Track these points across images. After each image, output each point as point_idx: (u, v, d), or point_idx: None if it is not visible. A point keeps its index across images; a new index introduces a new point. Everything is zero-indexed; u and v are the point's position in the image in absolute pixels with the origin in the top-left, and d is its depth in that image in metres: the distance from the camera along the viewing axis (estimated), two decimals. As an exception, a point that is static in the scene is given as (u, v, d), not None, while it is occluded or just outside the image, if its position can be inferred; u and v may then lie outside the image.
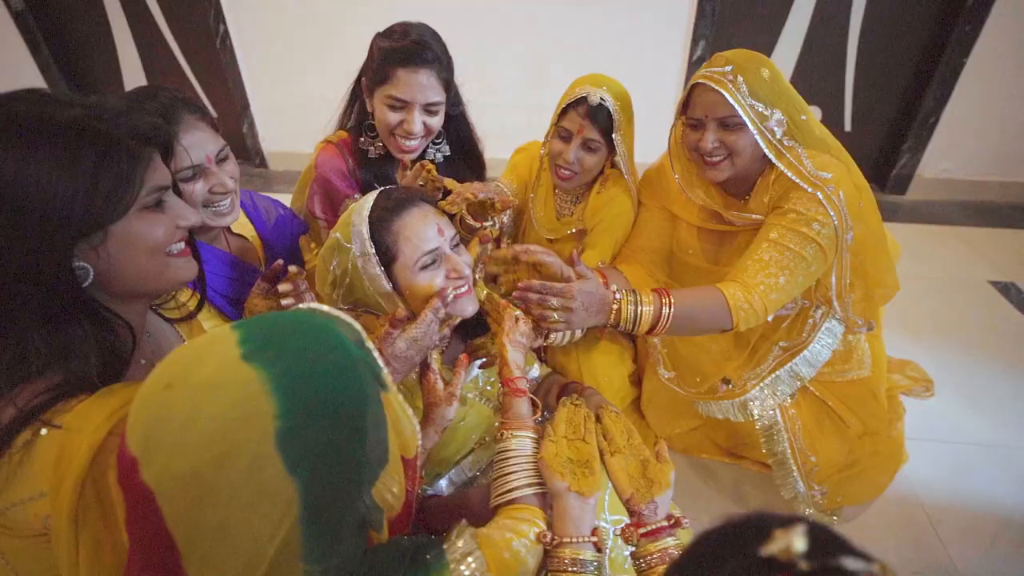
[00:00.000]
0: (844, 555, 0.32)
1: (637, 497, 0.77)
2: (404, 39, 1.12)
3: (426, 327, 0.84)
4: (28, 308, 0.59)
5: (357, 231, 0.89)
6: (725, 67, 1.01)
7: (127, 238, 0.64)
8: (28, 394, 0.59)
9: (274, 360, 0.44)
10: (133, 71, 3.00)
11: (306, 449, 0.43)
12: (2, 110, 0.59)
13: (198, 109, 0.95)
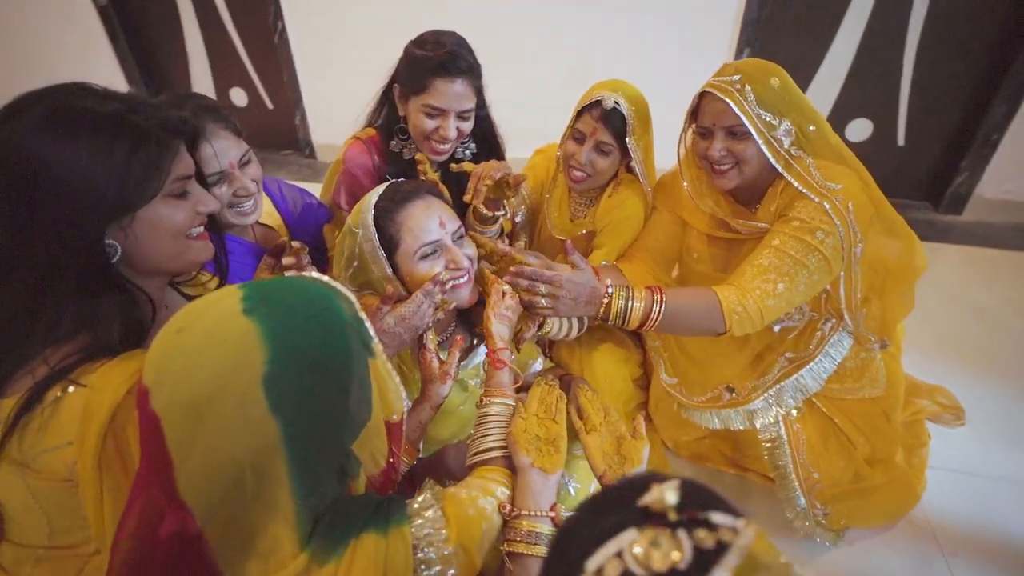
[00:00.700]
0: (713, 510, 0.35)
1: (610, 474, 0.80)
2: (439, 49, 1.17)
3: (415, 307, 0.89)
4: (62, 279, 0.67)
5: (365, 218, 0.95)
6: (733, 76, 1.02)
7: (152, 221, 0.72)
8: (59, 355, 0.66)
9: (269, 315, 0.50)
10: (199, 62, 3.20)
11: (289, 393, 0.49)
12: (48, 101, 0.67)
13: (223, 118, 1.02)
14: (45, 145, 0.64)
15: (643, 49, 2.51)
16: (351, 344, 0.54)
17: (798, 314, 1.18)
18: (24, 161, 0.64)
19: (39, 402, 0.64)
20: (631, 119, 1.17)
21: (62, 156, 0.64)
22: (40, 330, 0.67)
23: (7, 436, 0.64)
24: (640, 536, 0.33)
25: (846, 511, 1.27)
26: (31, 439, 0.65)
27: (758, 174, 1.09)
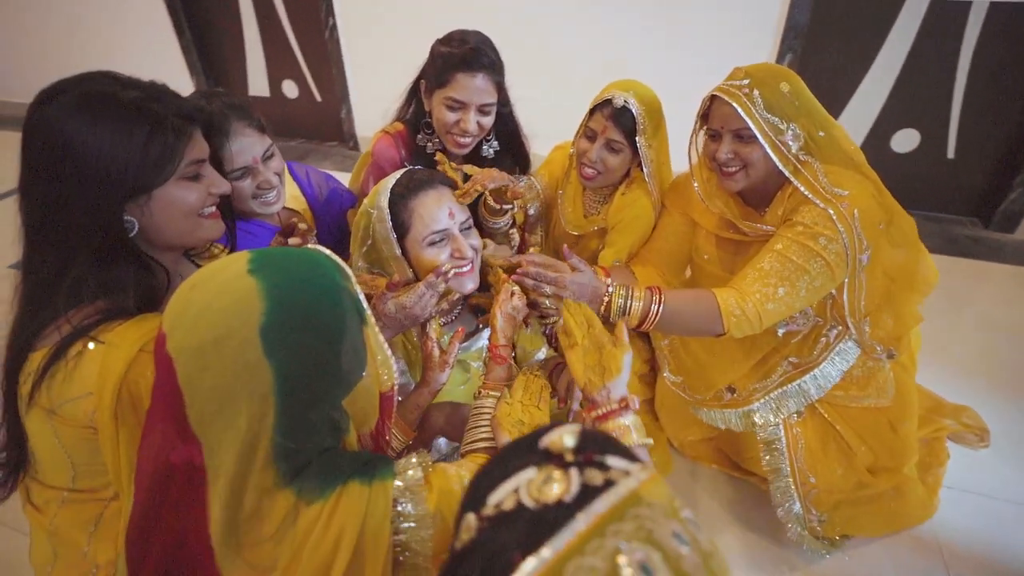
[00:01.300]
0: (609, 455, 0.38)
1: (590, 386, 0.82)
2: (463, 46, 1.23)
3: (417, 297, 0.94)
4: (85, 249, 0.75)
5: (380, 201, 1.02)
6: (743, 80, 1.03)
7: (167, 201, 0.79)
8: (81, 316, 0.74)
9: (270, 275, 0.57)
10: (255, 55, 3.38)
11: (282, 341, 0.55)
12: (77, 88, 0.74)
13: (247, 115, 1.09)
14: (72, 128, 0.71)
15: (682, 50, 2.51)
16: (344, 306, 0.60)
17: (803, 318, 1.18)
18: (54, 142, 0.72)
19: (63, 356, 0.72)
20: (641, 119, 1.19)
21: (87, 138, 0.71)
22: (64, 293, 0.74)
23: (37, 384, 0.72)
24: (538, 474, 0.37)
25: (844, 519, 1.26)
26: (57, 388, 0.73)
27: (766, 177, 1.09)
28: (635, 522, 0.34)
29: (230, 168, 1.06)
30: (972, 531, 1.33)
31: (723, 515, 1.39)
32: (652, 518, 0.35)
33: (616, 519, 0.34)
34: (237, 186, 1.08)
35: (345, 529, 0.56)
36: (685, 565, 0.33)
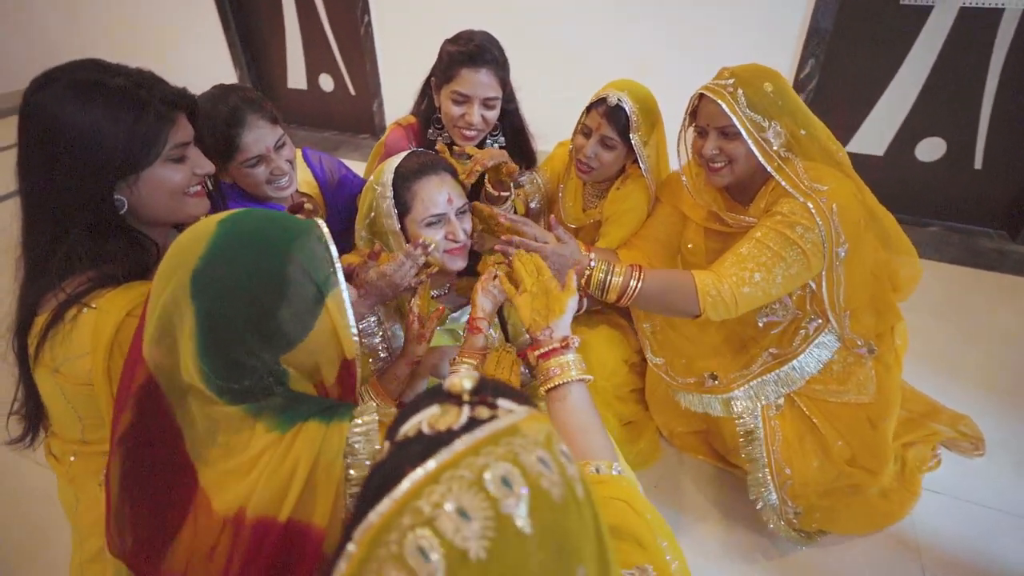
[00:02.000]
0: (501, 398, 0.45)
1: (535, 326, 0.88)
2: (468, 44, 1.31)
3: (397, 266, 1.01)
4: (78, 225, 0.80)
5: (385, 180, 1.10)
6: (728, 80, 1.07)
7: (153, 181, 0.84)
8: (74, 284, 0.80)
9: (226, 228, 0.63)
10: (295, 50, 3.55)
11: (207, 285, 0.60)
12: (68, 75, 0.79)
13: (261, 108, 1.18)
14: (64, 113, 0.77)
15: (703, 53, 2.52)
16: (287, 271, 0.63)
17: (782, 310, 1.21)
18: (47, 126, 0.77)
19: (61, 319, 0.78)
20: (634, 117, 1.24)
21: (79, 122, 0.76)
22: (58, 264, 0.80)
23: (39, 345, 0.80)
24: (438, 410, 0.44)
25: (822, 515, 1.28)
26: (58, 349, 0.80)
27: (750, 173, 1.13)
28: (507, 447, 0.40)
29: (245, 157, 1.16)
30: (954, 536, 1.33)
31: (705, 503, 1.43)
32: (523, 445, 0.40)
33: (491, 444, 0.40)
34: (252, 172, 1.18)
35: (300, 461, 0.61)
36: (543, 482, 0.39)
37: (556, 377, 0.82)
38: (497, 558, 0.35)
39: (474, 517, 0.36)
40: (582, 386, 0.82)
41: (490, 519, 0.36)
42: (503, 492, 0.37)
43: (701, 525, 1.38)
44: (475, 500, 0.36)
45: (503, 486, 0.37)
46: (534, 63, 2.84)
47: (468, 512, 0.36)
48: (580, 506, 0.40)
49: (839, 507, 1.30)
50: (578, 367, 0.83)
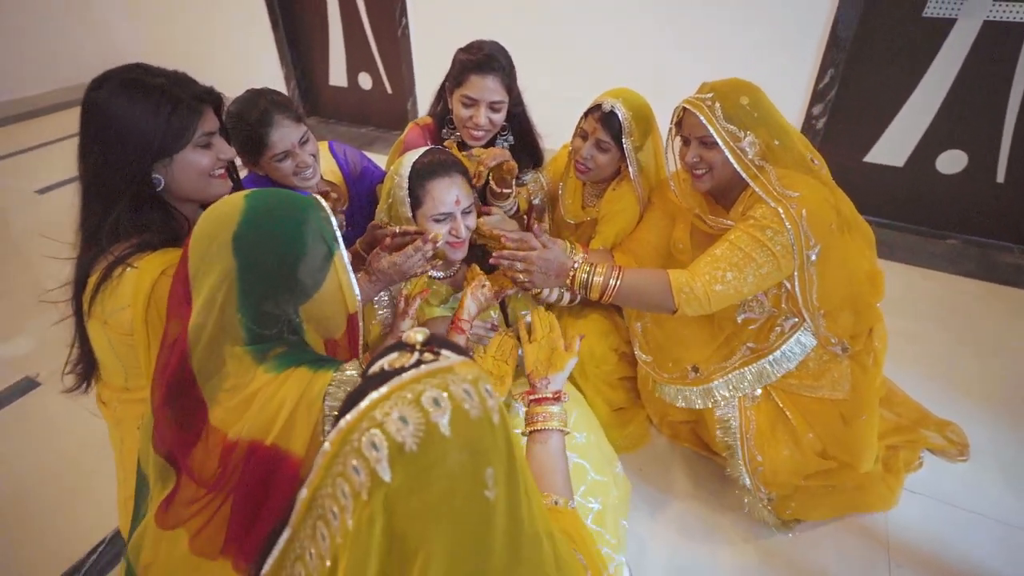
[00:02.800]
0: (444, 348, 0.58)
1: (535, 374, 1.02)
2: (478, 53, 1.45)
3: (406, 258, 1.14)
4: (124, 200, 0.96)
5: (403, 173, 1.23)
6: (707, 94, 1.17)
7: (184, 163, 0.99)
8: (120, 248, 0.96)
9: (255, 201, 0.78)
10: (338, 50, 3.75)
11: (246, 244, 0.74)
12: (118, 76, 0.97)
13: (287, 109, 1.32)
14: (116, 106, 0.93)
15: (722, 62, 2.58)
16: (305, 233, 0.78)
17: (759, 307, 1.30)
18: (102, 117, 0.94)
19: (109, 277, 0.94)
20: (627, 123, 1.35)
21: (125, 114, 0.93)
22: (107, 232, 0.97)
23: (91, 300, 0.95)
24: (396, 355, 0.57)
25: (800, 506, 1.36)
26: (107, 303, 0.95)
27: (728, 179, 1.22)
28: (441, 379, 0.52)
29: (273, 152, 1.31)
30: (923, 532, 1.38)
31: (690, 487, 1.52)
32: (454, 380, 0.53)
33: (430, 377, 0.52)
34: (280, 166, 1.34)
35: (287, 398, 0.74)
36: (464, 405, 0.51)
37: (540, 423, 0.95)
38: (424, 452, 0.48)
39: (411, 422, 0.49)
40: (560, 436, 0.95)
41: (421, 425, 0.49)
42: (433, 408, 0.50)
43: (683, 505, 1.47)
44: (413, 412, 0.49)
45: (434, 404, 0.50)
46: (554, 67, 2.97)
47: (407, 419, 0.49)
48: (494, 427, 0.53)
49: (815, 499, 1.37)
50: (560, 419, 0.96)
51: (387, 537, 0.48)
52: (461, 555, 0.48)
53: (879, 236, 2.52)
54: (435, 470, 0.48)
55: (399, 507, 0.48)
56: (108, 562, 1.36)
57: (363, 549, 0.48)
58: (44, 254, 2.68)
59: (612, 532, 1.18)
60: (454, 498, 0.49)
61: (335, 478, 0.50)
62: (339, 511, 0.50)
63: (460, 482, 0.49)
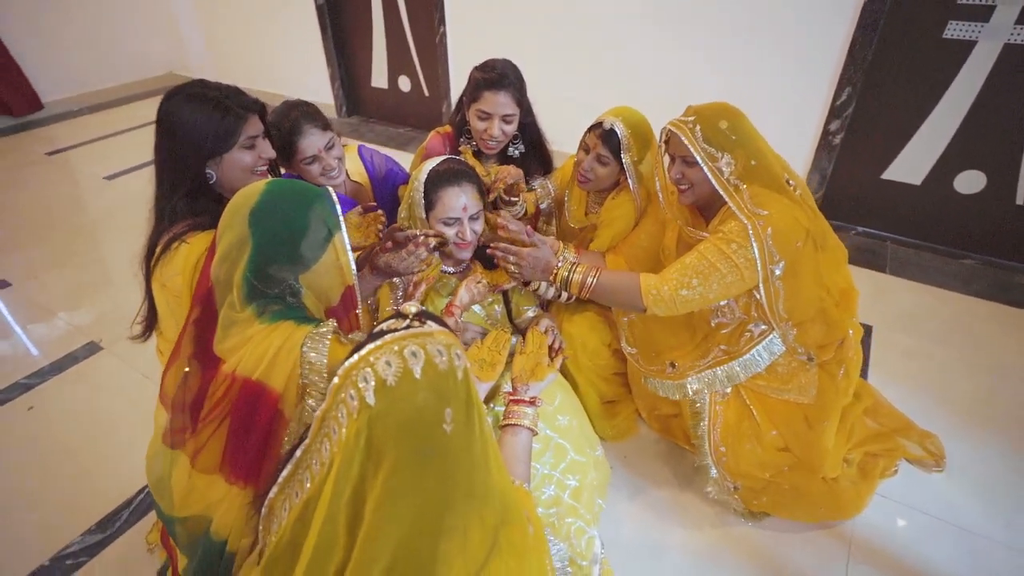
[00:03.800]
0: (430, 320, 0.74)
1: (519, 380, 1.18)
2: (491, 72, 1.61)
3: (402, 259, 1.31)
4: (183, 189, 1.19)
5: (420, 179, 1.39)
6: (690, 117, 1.29)
7: (231, 161, 1.22)
8: (178, 227, 1.18)
9: (273, 185, 0.96)
10: (380, 54, 3.97)
11: (260, 218, 0.92)
12: (184, 90, 1.20)
13: (315, 118, 1.50)
14: (178, 114, 1.17)
15: (745, 75, 2.67)
16: (310, 216, 0.95)
17: (730, 313, 1.41)
18: (169, 122, 1.17)
19: (167, 249, 1.16)
20: (626, 139, 1.48)
21: (186, 121, 1.16)
22: (169, 214, 1.20)
23: (154, 266, 1.18)
24: (394, 321, 0.73)
25: (768, 499, 1.47)
26: (165, 269, 1.17)
27: (709, 195, 1.34)
28: (421, 340, 0.70)
29: (302, 156, 1.51)
30: (887, 534, 1.47)
31: (669, 476, 1.64)
32: (430, 342, 0.70)
33: (413, 337, 0.70)
34: (308, 168, 1.53)
35: (272, 344, 0.90)
36: (435, 359, 0.68)
37: (514, 419, 1.12)
38: (399, 387, 0.66)
39: (393, 366, 0.67)
40: (529, 433, 1.12)
41: (400, 368, 0.67)
42: (411, 358, 0.68)
43: (661, 492, 1.59)
44: (395, 359, 0.67)
45: (412, 356, 0.68)
46: (582, 76, 3.10)
47: (391, 363, 0.67)
48: (457, 380, 0.71)
49: (785, 499, 1.47)
50: (531, 420, 1.13)
51: (367, 446, 0.66)
52: (417, 468, 0.66)
53: (893, 253, 2.58)
54: (406, 402, 0.66)
55: (378, 425, 0.66)
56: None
57: (350, 453, 0.66)
58: (110, 234, 2.99)
59: (587, 508, 1.32)
60: (418, 424, 0.67)
61: (338, 404, 0.69)
62: (338, 427, 0.69)
63: (424, 413, 0.67)
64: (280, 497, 0.80)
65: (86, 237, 2.98)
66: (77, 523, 1.51)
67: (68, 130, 4.39)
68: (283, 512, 0.78)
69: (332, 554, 0.68)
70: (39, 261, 2.75)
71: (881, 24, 2.33)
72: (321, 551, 0.68)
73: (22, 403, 1.92)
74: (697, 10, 2.66)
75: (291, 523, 0.75)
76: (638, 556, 1.43)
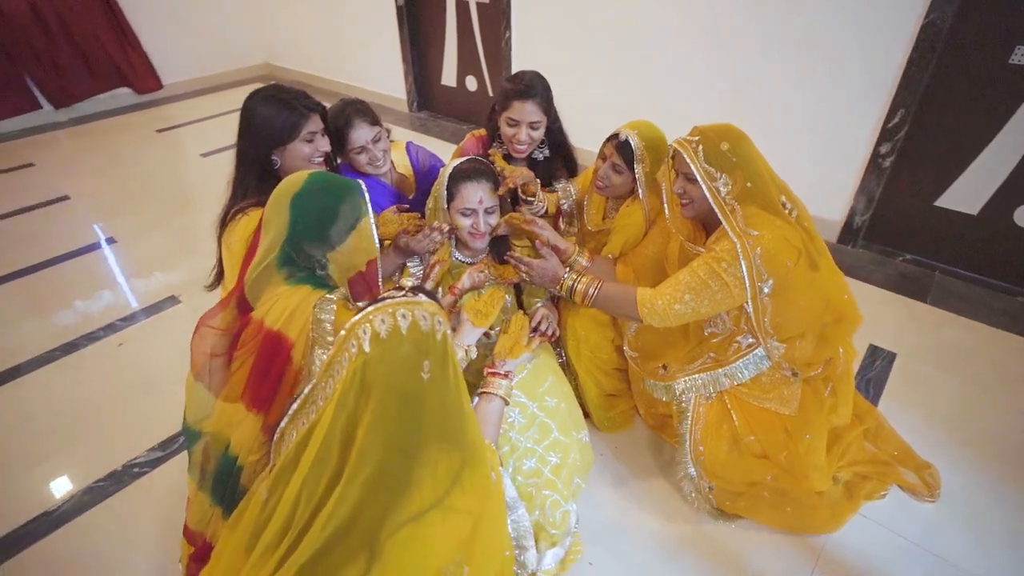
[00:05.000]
0: (421, 293, 0.93)
1: (498, 355, 1.36)
2: (520, 83, 1.77)
3: (420, 239, 1.52)
4: (254, 172, 1.46)
5: (445, 174, 1.58)
6: (695, 136, 1.38)
7: (293, 152, 1.47)
8: (245, 203, 1.43)
9: (315, 177, 1.17)
10: (451, 54, 4.21)
11: (300, 204, 1.11)
12: (263, 92, 1.47)
13: (364, 115, 1.69)
14: (255, 110, 1.44)
15: (794, 92, 2.66)
16: (340, 206, 1.13)
17: (722, 324, 1.49)
18: (248, 116, 1.44)
19: (233, 219, 1.42)
20: (639, 151, 1.58)
21: (262, 114, 1.43)
22: (241, 191, 1.46)
23: (223, 231, 1.45)
24: (395, 291, 0.92)
25: (745, 503, 1.54)
26: (230, 236, 1.42)
27: (708, 211, 1.42)
28: (410, 306, 0.89)
29: (352, 147, 1.72)
30: (858, 551, 1.49)
31: (654, 469, 1.74)
32: (419, 308, 0.89)
33: (405, 303, 0.89)
34: (357, 158, 1.74)
35: (292, 302, 1.09)
36: (420, 322, 0.88)
37: (490, 389, 1.31)
38: (388, 339, 0.85)
39: (386, 323, 0.87)
40: (501, 402, 1.30)
41: (391, 325, 0.86)
42: (401, 319, 0.87)
43: (644, 483, 1.70)
44: (388, 318, 0.87)
45: (402, 317, 0.88)
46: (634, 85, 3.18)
47: (384, 321, 0.87)
48: (435, 340, 0.90)
49: (763, 503, 1.54)
50: (505, 391, 1.32)
51: (361, 383, 0.86)
52: (399, 403, 0.87)
53: (939, 283, 2.51)
54: (393, 352, 0.87)
55: (369, 368, 0.86)
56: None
57: (348, 388, 0.87)
58: (200, 205, 3.40)
59: (565, 484, 1.46)
60: (400, 369, 0.87)
61: (343, 351, 0.90)
62: (341, 369, 0.89)
63: (405, 362, 0.87)
64: (290, 426, 1.00)
65: (181, 206, 3.41)
66: (145, 440, 1.83)
67: (177, 111, 4.95)
68: (291, 437, 0.99)
69: (326, 467, 0.88)
70: (141, 224, 3.19)
71: (940, 46, 2.28)
72: (318, 463, 0.88)
73: (114, 340, 2.30)
74: (750, 25, 2.68)
75: (296, 444, 0.95)
76: (609, 538, 1.55)
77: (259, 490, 0.99)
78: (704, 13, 2.80)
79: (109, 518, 1.61)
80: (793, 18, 2.55)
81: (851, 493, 1.61)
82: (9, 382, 2.09)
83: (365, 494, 0.86)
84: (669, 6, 2.89)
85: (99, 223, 3.22)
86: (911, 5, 2.26)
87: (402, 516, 0.88)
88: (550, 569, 1.36)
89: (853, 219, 2.75)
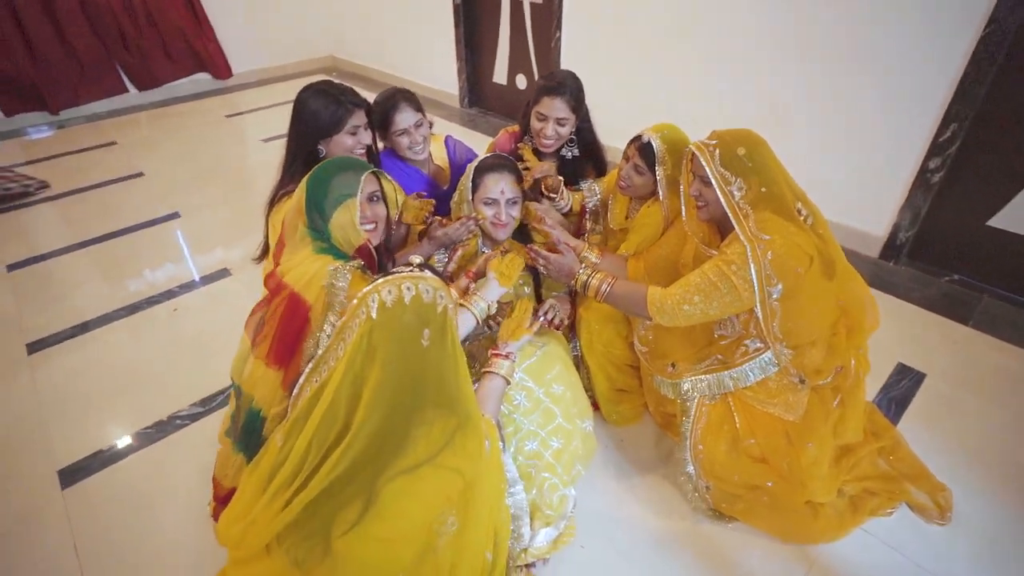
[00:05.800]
0: (427, 270, 1.03)
1: (501, 338, 1.44)
2: (552, 80, 1.84)
3: (454, 229, 1.63)
4: (301, 158, 1.60)
5: (471, 168, 1.68)
6: (712, 140, 1.41)
7: (337, 142, 1.61)
8: (291, 186, 1.55)
9: (328, 161, 1.31)
10: (503, 53, 4.30)
11: (311, 182, 1.27)
12: (315, 86, 1.62)
13: (410, 100, 1.82)
14: (307, 103, 1.59)
15: (845, 101, 2.60)
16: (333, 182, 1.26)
17: (731, 327, 1.51)
18: (300, 107, 1.59)
19: (280, 200, 1.57)
20: (661, 153, 1.62)
21: (311, 107, 1.58)
22: (288, 177, 1.60)
23: (271, 211, 1.59)
24: (404, 268, 1.02)
25: (743, 506, 1.55)
26: (276, 216, 1.56)
27: (722, 214, 1.45)
28: (415, 280, 0.99)
29: (395, 128, 1.83)
30: (853, 566, 1.47)
31: (658, 466, 1.77)
32: (422, 283, 1.00)
33: (410, 278, 1.00)
34: (398, 141, 1.85)
35: (311, 267, 1.21)
36: (423, 295, 0.98)
37: (491, 367, 1.39)
38: (393, 307, 0.96)
39: (392, 293, 0.97)
40: (503, 381, 1.38)
41: (397, 295, 0.97)
42: (406, 291, 0.98)
43: (645, 477, 1.73)
44: (395, 289, 0.98)
45: (407, 289, 0.98)
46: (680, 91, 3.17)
47: (391, 292, 0.98)
48: (436, 311, 1.00)
49: (761, 508, 1.54)
50: (507, 371, 1.40)
51: (368, 346, 0.97)
52: (400, 364, 0.97)
53: (986, 307, 2.41)
54: (397, 320, 0.97)
55: (375, 332, 0.97)
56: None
57: (355, 350, 0.98)
58: (257, 187, 3.62)
59: (565, 470, 1.52)
60: (402, 336, 0.98)
61: (354, 317, 1.00)
62: (351, 334, 1.00)
63: (407, 330, 0.98)
64: (306, 383, 1.11)
65: (239, 187, 3.65)
66: (188, 396, 2.01)
67: (245, 98, 5.27)
68: (306, 392, 1.10)
69: (336, 420, 1.00)
70: (204, 202, 3.45)
71: (1001, 59, 2.19)
72: (328, 417, 1.00)
73: (170, 305, 2.52)
74: (799, 34, 2.63)
75: (309, 398, 1.07)
76: (605, 526, 1.60)
77: (275, 438, 1.11)
78: (754, 22, 2.77)
79: (152, 462, 1.79)
80: (841, 28, 2.50)
81: (856, 507, 1.60)
82: (78, 336, 2.33)
83: (367, 446, 0.98)
84: (715, 13, 2.88)
85: (168, 199, 3.49)
86: (968, 19, 2.18)
87: (398, 467, 1.00)
88: (542, 547, 1.43)
89: (897, 235, 2.66)
